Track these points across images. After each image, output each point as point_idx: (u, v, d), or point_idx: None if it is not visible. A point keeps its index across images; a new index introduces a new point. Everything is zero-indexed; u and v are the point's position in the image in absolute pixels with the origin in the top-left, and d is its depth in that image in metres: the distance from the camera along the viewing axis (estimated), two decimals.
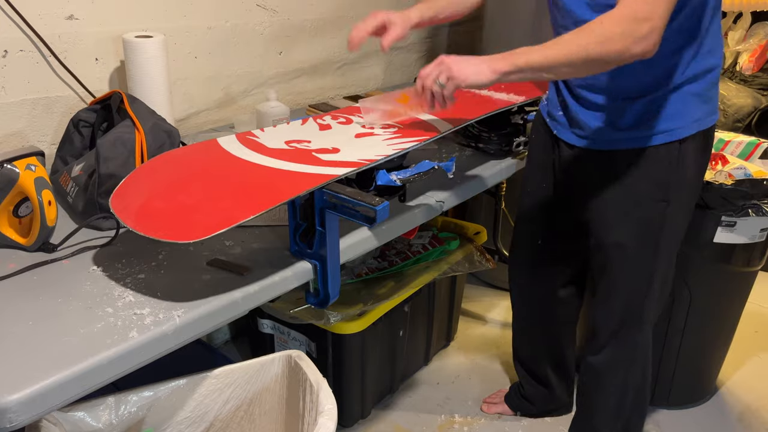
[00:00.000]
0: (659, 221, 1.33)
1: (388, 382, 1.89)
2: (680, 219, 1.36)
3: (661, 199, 1.30)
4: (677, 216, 1.34)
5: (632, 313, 1.43)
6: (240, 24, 1.84)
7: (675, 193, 1.30)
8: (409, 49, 2.47)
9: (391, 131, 1.26)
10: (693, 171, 1.31)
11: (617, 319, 1.44)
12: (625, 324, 1.44)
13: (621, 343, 1.46)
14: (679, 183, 1.30)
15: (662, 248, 1.36)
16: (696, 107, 1.25)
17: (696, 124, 1.26)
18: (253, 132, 1.25)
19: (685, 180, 1.30)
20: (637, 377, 1.49)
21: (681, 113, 1.24)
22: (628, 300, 1.42)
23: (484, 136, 1.55)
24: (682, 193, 1.32)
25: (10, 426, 0.73)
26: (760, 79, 2.53)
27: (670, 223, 1.33)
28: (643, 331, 1.45)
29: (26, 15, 1.38)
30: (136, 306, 0.91)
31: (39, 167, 1.07)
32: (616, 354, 1.48)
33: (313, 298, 1.12)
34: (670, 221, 1.33)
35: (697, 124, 1.26)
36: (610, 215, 1.36)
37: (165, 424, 1.17)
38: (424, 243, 1.95)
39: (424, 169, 1.14)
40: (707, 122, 1.28)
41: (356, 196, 0.99)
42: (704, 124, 1.27)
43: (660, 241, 1.34)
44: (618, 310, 1.44)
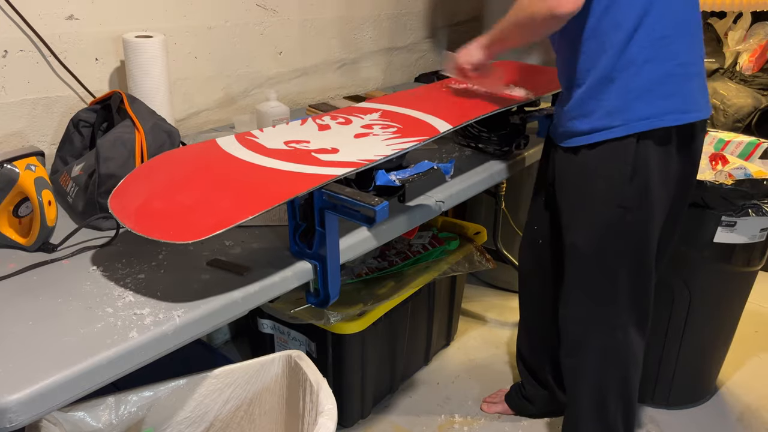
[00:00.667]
0: (618, 227, 1.27)
1: (388, 382, 1.89)
2: (648, 227, 1.28)
3: (618, 205, 1.24)
4: (643, 224, 1.27)
5: (595, 319, 1.39)
6: (240, 24, 1.84)
7: (635, 198, 1.24)
8: (409, 49, 2.47)
9: (390, 131, 1.26)
10: (658, 176, 1.23)
11: (580, 323, 1.42)
12: (588, 330, 1.41)
13: (587, 349, 1.44)
14: (640, 188, 1.23)
15: (624, 255, 1.30)
16: (643, 103, 1.18)
17: (645, 122, 1.19)
18: (252, 132, 1.25)
19: (646, 185, 1.23)
20: (615, 381, 1.45)
21: (621, 108, 1.19)
22: (589, 305, 1.39)
23: (484, 136, 1.55)
24: (646, 199, 1.24)
25: (10, 426, 0.73)
26: (760, 79, 2.53)
27: (634, 231, 1.27)
28: (614, 337, 1.40)
29: (26, 15, 1.38)
30: (136, 306, 0.91)
31: (39, 167, 1.07)
32: (584, 359, 1.46)
33: (313, 298, 1.12)
34: (632, 228, 1.27)
35: (647, 122, 1.19)
36: (567, 215, 1.35)
37: (165, 424, 1.17)
38: (424, 243, 1.95)
39: (423, 169, 1.14)
40: (667, 120, 1.19)
41: (355, 197, 0.99)
42: (662, 121, 1.19)
43: (620, 247, 1.29)
44: (579, 315, 1.41)
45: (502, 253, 2.29)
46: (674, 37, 1.18)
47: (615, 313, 1.38)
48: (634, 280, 1.34)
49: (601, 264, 1.33)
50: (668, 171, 1.25)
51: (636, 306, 1.38)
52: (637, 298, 1.37)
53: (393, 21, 2.36)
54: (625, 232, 1.28)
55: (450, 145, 1.62)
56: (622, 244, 1.29)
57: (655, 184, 1.24)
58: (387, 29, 2.34)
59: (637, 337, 1.42)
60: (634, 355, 1.44)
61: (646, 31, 1.16)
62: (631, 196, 1.24)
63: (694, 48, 1.22)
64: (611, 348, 1.42)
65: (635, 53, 1.17)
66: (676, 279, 1.67)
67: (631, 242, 1.29)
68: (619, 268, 1.32)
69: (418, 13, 2.45)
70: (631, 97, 1.19)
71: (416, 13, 2.45)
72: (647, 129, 1.19)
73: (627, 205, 1.24)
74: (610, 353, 1.43)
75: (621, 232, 1.28)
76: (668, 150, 1.22)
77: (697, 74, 1.23)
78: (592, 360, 1.45)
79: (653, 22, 1.16)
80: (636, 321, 1.40)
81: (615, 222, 1.27)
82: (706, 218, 1.58)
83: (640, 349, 1.45)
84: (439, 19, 2.55)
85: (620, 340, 1.40)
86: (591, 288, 1.38)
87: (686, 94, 1.21)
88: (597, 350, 1.44)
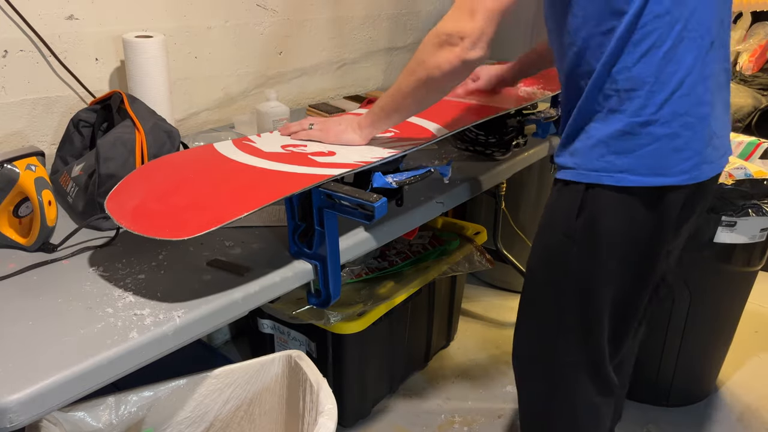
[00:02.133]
0: (561, 259, 1.16)
1: (388, 382, 1.89)
2: (600, 277, 1.14)
3: (564, 234, 1.14)
4: (590, 269, 1.14)
5: (538, 348, 1.26)
6: (240, 24, 1.84)
7: (581, 241, 1.12)
8: (409, 49, 2.47)
9: (387, 135, 1.27)
10: (617, 234, 1.09)
11: (524, 351, 1.30)
12: (529, 362, 1.29)
13: (524, 385, 1.33)
14: (590, 237, 1.11)
15: (566, 292, 1.17)
16: (599, 154, 1.05)
17: (594, 174, 1.06)
18: (249, 137, 1.25)
19: (596, 235, 1.10)
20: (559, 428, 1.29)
21: (580, 152, 1.08)
22: (529, 332, 1.28)
23: (481, 139, 1.55)
24: (596, 250, 1.11)
25: (10, 426, 0.73)
26: (760, 79, 2.53)
27: (579, 270, 1.14)
28: (549, 379, 1.25)
29: (26, 15, 1.39)
30: (136, 306, 0.91)
31: (39, 167, 1.07)
32: (521, 393, 1.34)
33: (314, 299, 1.12)
34: (576, 267, 1.14)
35: (596, 174, 1.06)
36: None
37: (165, 424, 1.18)
38: (424, 243, 1.95)
39: (420, 172, 1.14)
40: (619, 179, 1.04)
41: (354, 194, 0.99)
42: (613, 179, 1.05)
43: (562, 282, 1.17)
44: (524, 340, 1.29)
45: (502, 253, 2.29)
46: (657, 83, 1.05)
47: (562, 350, 1.23)
48: (589, 325, 1.19)
49: (547, 292, 1.22)
50: (627, 235, 1.12)
51: (591, 351, 1.22)
52: (592, 342, 1.20)
53: (393, 21, 2.36)
54: (571, 269, 1.16)
55: (448, 147, 1.62)
56: (568, 283, 1.18)
57: (611, 242, 1.12)
58: (387, 29, 2.34)
59: (589, 383, 1.24)
60: (588, 402, 1.27)
61: (615, 80, 1.06)
62: (580, 237, 1.13)
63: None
64: (539, 393, 1.29)
65: (598, 102, 1.08)
66: (676, 279, 1.67)
67: (578, 283, 1.17)
68: (567, 305, 1.19)
69: (418, 13, 2.45)
70: (589, 144, 1.10)
71: (416, 13, 2.44)
72: (602, 183, 1.09)
73: (573, 238, 1.13)
74: (537, 398, 1.30)
75: (566, 268, 1.16)
76: (626, 211, 1.09)
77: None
78: (522, 396, 1.34)
79: (630, 65, 1.05)
80: (588, 364, 1.23)
81: (561, 254, 1.16)
82: (706, 218, 1.58)
83: (596, 400, 1.26)
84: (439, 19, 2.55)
85: (559, 386, 1.26)
86: (538, 316, 1.26)
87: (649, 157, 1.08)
88: (528, 390, 1.32)
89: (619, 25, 1.00)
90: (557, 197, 1.16)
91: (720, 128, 1.09)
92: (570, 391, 1.25)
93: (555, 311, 1.21)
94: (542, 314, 1.24)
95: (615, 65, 1.02)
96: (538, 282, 1.24)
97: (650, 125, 1.02)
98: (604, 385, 1.26)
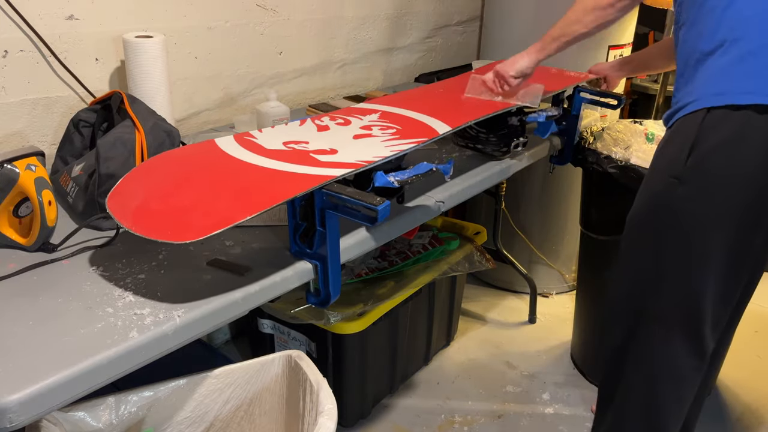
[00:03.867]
0: (666, 201, 1.20)
1: (388, 382, 1.89)
2: (708, 220, 1.15)
3: (672, 176, 1.19)
4: (697, 210, 1.16)
5: (631, 299, 1.29)
6: (240, 24, 1.85)
7: (691, 180, 1.17)
8: (409, 49, 2.47)
9: (389, 132, 1.27)
10: (728, 169, 1.13)
11: (617, 299, 1.34)
12: (620, 316, 1.32)
13: (609, 339, 1.36)
14: (700, 176, 1.15)
15: (669, 237, 1.20)
16: (718, 79, 1.16)
17: (715, 98, 1.15)
18: (251, 133, 1.25)
19: (706, 173, 1.14)
20: (637, 390, 1.31)
21: (698, 87, 1.19)
22: (626, 284, 1.32)
23: (482, 137, 1.55)
24: (706, 189, 1.15)
25: (10, 426, 0.73)
26: None
27: (685, 212, 1.18)
28: (634, 330, 1.27)
29: (26, 15, 1.39)
30: (136, 306, 0.91)
31: (39, 167, 1.07)
32: (611, 352, 1.37)
33: (314, 298, 1.12)
34: (683, 208, 1.18)
35: (717, 97, 1.15)
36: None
37: (165, 424, 1.18)
38: (424, 243, 1.95)
39: (422, 170, 1.13)
40: (742, 98, 1.12)
41: (357, 196, 0.99)
42: (736, 98, 1.13)
43: (666, 226, 1.20)
44: (618, 288, 1.33)
45: (502, 253, 2.29)
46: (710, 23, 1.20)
47: (652, 302, 1.24)
48: (682, 272, 1.20)
49: (646, 242, 1.24)
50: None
51: (681, 307, 1.22)
52: (684, 297, 1.21)
53: (393, 21, 2.36)
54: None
55: (450, 146, 1.62)
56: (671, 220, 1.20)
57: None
58: (387, 29, 2.34)
59: (685, 347, 1.24)
60: (669, 365, 1.26)
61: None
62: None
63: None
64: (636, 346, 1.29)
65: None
66: None
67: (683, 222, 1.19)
68: (668, 251, 1.20)
69: (418, 13, 2.45)
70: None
71: (416, 13, 2.44)
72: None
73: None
74: (635, 352, 1.30)
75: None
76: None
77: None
78: (618, 356, 1.33)
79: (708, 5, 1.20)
80: (684, 327, 1.23)
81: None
82: None
83: (684, 363, 1.26)
84: (439, 19, 2.55)
85: (650, 337, 1.27)
86: (632, 264, 1.28)
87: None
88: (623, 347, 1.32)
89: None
90: (666, 140, 1.22)
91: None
92: (654, 347, 1.26)
93: (654, 260, 1.22)
94: (641, 260, 1.26)
95: (730, 8, 1.13)
96: (638, 230, 1.26)
97: (763, 50, 1.10)
98: (696, 347, 1.25)
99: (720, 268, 1.18)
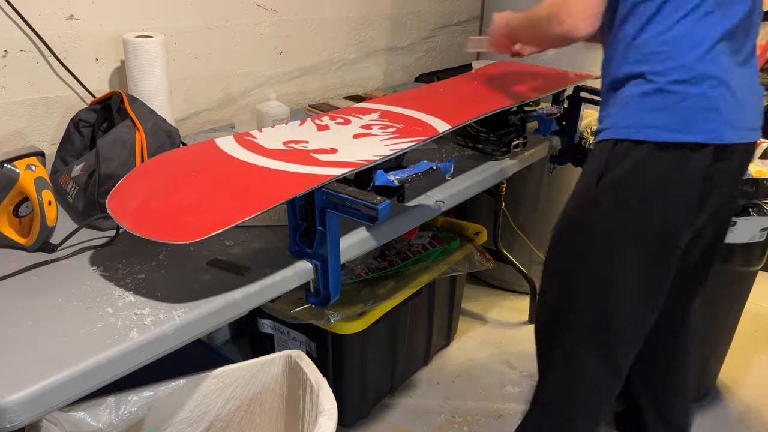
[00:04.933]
0: (586, 219, 1.24)
1: (388, 382, 1.89)
2: (622, 239, 1.19)
3: (589, 196, 1.23)
4: (613, 231, 1.21)
5: (554, 312, 1.34)
6: (240, 24, 1.85)
7: (605, 202, 1.21)
8: (409, 49, 2.47)
9: (389, 131, 1.27)
10: (640, 194, 1.18)
11: (542, 312, 1.40)
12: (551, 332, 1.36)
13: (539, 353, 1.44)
14: (614, 198, 1.20)
15: (588, 255, 1.24)
16: (631, 111, 1.17)
17: (625, 131, 1.19)
18: (251, 133, 1.25)
19: (620, 196, 1.19)
20: (554, 393, 1.38)
21: (614, 113, 1.21)
22: (550, 294, 1.38)
23: (482, 136, 1.55)
24: (619, 211, 1.20)
25: (10, 426, 0.73)
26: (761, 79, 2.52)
27: (602, 232, 1.22)
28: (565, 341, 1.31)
29: (26, 15, 1.39)
30: (136, 306, 0.91)
31: (39, 167, 1.07)
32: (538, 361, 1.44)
33: (314, 298, 1.12)
34: (600, 229, 1.22)
35: (626, 130, 1.19)
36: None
37: (165, 424, 1.17)
38: (424, 243, 1.95)
39: (422, 169, 1.13)
40: (648, 134, 1.15)
41: (357, 195, 0.99)
42: (643, 134, 1.16)
43: (584, 244, 1.25)
44: (543, 303, 1.39)
45: (502, 253, 2.29)
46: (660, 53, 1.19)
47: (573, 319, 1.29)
48: (596, 288, 1.25)
49: (566, 257, 1.29)
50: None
51: (594, 323, 1.26)
52: (603, 311, 1.25)
53: (393, 21, 2.36)
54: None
55: (450, 145, 1.62)
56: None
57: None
58: (387, 29, 2.35)
59: (598, 359, 1.29)
60: (588, 374, 1.31)
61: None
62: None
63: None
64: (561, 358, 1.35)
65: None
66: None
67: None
68: (585, 267, 1.25)
69: (418, 13, 2.45)
70: None
71: (416, 13, 2.45)
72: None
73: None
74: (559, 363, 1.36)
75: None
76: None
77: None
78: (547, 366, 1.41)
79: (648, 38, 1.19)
80: (599, 338, 1.28)
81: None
82: None
83: (598, 374, 1.31)
84: (439, 19, 2.55)
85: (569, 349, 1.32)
86: (555, 276, 1.33)
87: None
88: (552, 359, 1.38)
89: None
90: (588, 161, 1.24)
91: (748, 99, 1.16)
92: (576, 359, 1.31)
93: (573, 275, 1.26)
94: (562, 278, 1.30)
95: (650, 30, 1.12)
96: (560, 246, 1.30)
97: (682, 84, 1.11)
98: (608, 363, 1.29)
99: (635, 286, 1.23)
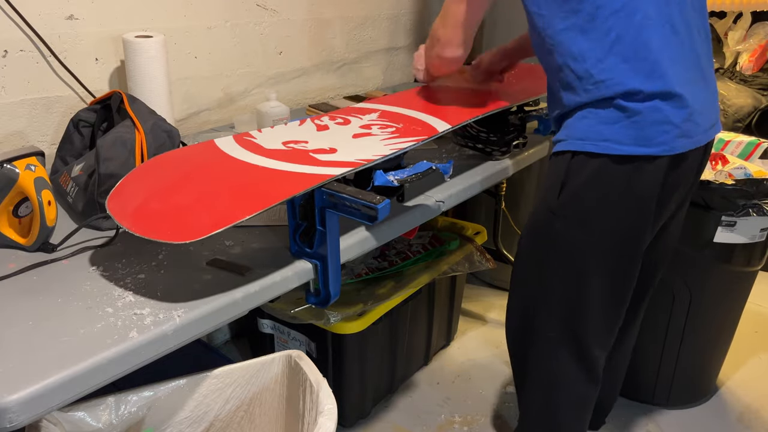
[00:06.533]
0: (547, 230, 1.26)
1: (388, 382, 1.89)
2: (585, 249, 1.22)
3: (549, 207, 1.24)
4: (575, 241, 1.23)
5: (524, 321, 1.37)
6: (240, 24, 1.85)
7: (565, 213, 1.23)
8: (409, 49, 2.47)
9: (388, 131, 1.27)
10: (599, 204, 1.21)
11: (513, 323, 1.44)
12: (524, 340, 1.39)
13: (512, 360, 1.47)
14: (574, 209, 1.22)
15: (552, 265, 1.26)
16: (587, 124, 1.19)
17: (580, 143, 1.20)
18: (250, 133, 1.25)
19: (579, 207, 1.21)
20: (536, 406, 1.40)
21: (570, 124, 1.22)
22: (517, 304, 1.42)
23: (482, 136, 1.55)
24: (580, 221, 1.22)
25: (10, 426, 0.73)
26: (760, 79, 2.53)
27: (564, 242, 1.24)
28: (532, 353, 1.35)
29: (26, 15, 1.39)
30: (136, 306, 0.91)
31: (39, 167, 1.07)
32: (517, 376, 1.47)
33: (314, 298, 1.12)
34: (562, 239, 1.24)
35: (581, 143, 1.20)
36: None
37: (165, 424, 1.17)
38: (424, 243, 1.95)
39: (421, 169, 1.13)
40: (603, 147, 1.17)
41: (357, 195, 0.99)
42: (597, 147, 1.17)
43: (548, 255, 1.27)
44: (512, 313, 1.44)
45: (502, 253, 2.29)
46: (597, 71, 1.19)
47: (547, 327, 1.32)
48: (567, 295, 1.27)
49: (533, 268, 1.31)
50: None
51: (572, 324, 1.29)
52: (573, 314, 1.28)
53: (393, 21, 2.36)
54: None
55: (450, 145, 1.62)
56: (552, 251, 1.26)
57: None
58: (387, 29, 2.35)
59: (572, 365, 1.32)
60: (565, 381, 1.34)
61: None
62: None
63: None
64: (540, 365, 1.37)
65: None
66: (676, 279, 1.67)
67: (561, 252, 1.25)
68: (548, 280, 1.28)
69: (418, 13, 2.45)
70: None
71: (416, 13, 2.45)
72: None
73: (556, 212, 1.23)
74: (532, 374, 1.39)
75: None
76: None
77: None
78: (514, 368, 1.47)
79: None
80: (571, 342, 1.30)
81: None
82: (706, 218, 1.58)
83: (575, 379, 1.34)
84: None
85: (548, 355, 1.35)
86: (524, 281, 1.36)
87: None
88: (523, 365, 1.43)
89: (581, 22, 1.11)
90: (548, 170, 1.25)
91: (701, 105, 1.16)
92: (550, 367, 1.34)
93: (540, 284, 1.30)
94: (529, 286, 1.33)
95: (589, 59, 1.13)
96: (526, 256, 1.33)
97: (634, 98, 1.12)
98: (587, 369, 1.33)
99: (601, 291, 1.25)
